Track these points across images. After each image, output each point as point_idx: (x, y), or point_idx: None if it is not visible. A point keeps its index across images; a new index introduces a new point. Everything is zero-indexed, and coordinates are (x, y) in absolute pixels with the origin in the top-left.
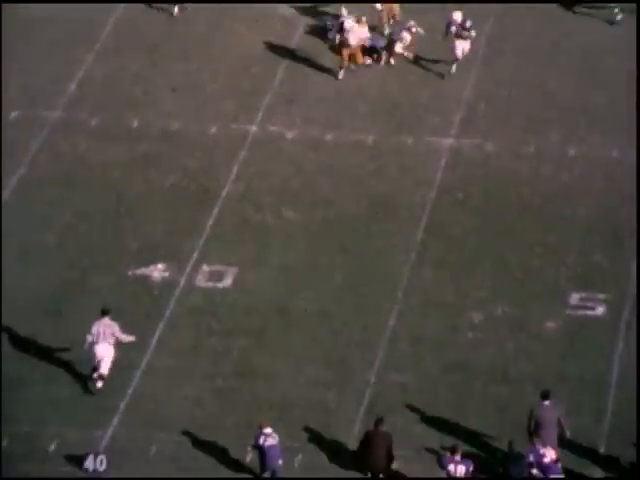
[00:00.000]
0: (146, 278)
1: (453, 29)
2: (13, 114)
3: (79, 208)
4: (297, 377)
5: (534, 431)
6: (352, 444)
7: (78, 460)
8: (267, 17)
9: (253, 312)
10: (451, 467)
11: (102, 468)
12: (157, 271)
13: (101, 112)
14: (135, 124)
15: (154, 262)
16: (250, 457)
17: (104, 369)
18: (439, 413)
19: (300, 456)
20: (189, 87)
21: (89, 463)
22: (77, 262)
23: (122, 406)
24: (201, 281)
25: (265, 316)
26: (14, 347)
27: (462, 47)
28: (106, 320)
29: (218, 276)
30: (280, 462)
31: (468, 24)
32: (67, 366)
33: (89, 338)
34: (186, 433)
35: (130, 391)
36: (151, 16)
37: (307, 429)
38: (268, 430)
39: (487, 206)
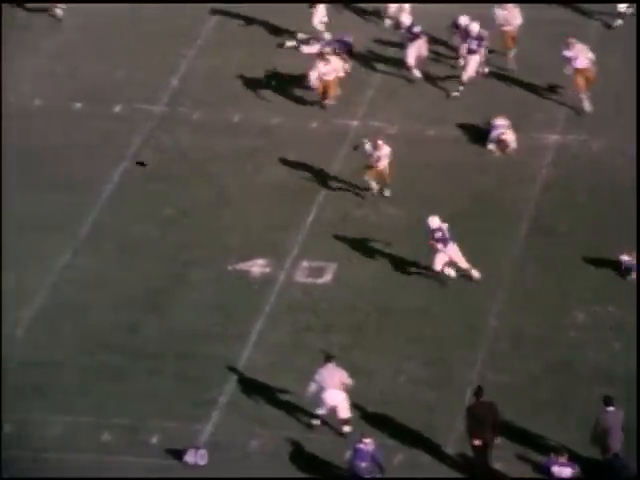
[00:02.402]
0: (246, 273)
1: None
2: (117, 108)
3: (180, 202)
4: (396, 375)
5: (599, 439)
6: (453, 444)
7: (179, 454)
8: (375, 12)
9: (352, 309)
10: (555, 469)
11: (202, 462)
12: (257, 266)
13: (203, 107)
14: (236, 119)
15: (254, 257)
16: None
17: (344, 414)
18: (541, 414)
19: (400, 455)
20: (290, 82)
21: (189, 457)
22: (178, 256)
23: (222, 400)
24: (301, 277)
25: (364, 313)
26: (116, 340)
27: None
28: (331, 366)
29: (318, 272)
30: (364, 465)
31: None
32: (168, 360)
33: (314, 386)
34: (286, 429)
35: (230, 386)
36: (251, 12)
37: (407, 428)
38: (367, 440)
39: (593, 204)
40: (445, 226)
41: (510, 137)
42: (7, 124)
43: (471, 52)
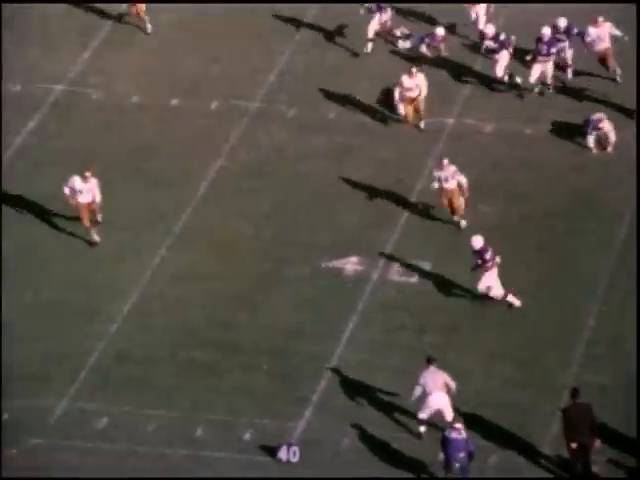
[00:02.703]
0: (340, 271)
1: None
2: (213, 104)
3: (275, 199)
4: (490, 376)
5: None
6: (548, 446)
7: (271, 450)
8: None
9: (446, 308)
10: None
11: (295, 459)
12: (350, 264)
13: (299, 103)
14: (332, 116)
15: (348, 255)
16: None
17: (450, 416)
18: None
19: (494, 456)
20: (385, 79)
21: (282, 454)
22: (272, 253)
23: (314, 398)
24: (394, 275)
25: (458, 312)
26: (210, 336)
27: None
28: (433, 369)
29: (411, 271)
30: (462, 455)
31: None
32: (262, 356)
33: (419, 389)
34: (377, 427)
35: (322, 383)
36: (350, 9)
37: (501, 429)
38: (458, 425)
39: None
40: (489, 249)
41: (608, 127)
42: (106, 120)
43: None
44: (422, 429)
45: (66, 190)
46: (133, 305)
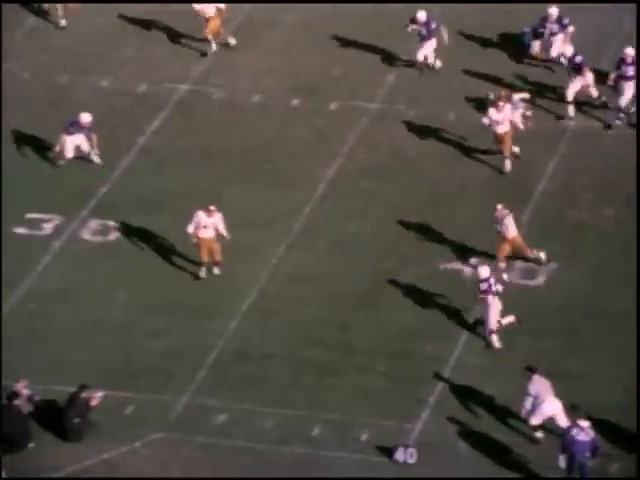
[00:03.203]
0: (458, 272)
1: None
2: (333, 104)
3: (394, 200)
4: (612, 381)
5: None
6: None
7: (388, 451)
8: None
9: (565, 311)
10: None
11: (412, 461)
12: (470, 265)
13: (418, 104)
14: (451, 117)
15: (466, 256)
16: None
17: (564, 422)
18: None
19: (616, 464)
20: (510, 80)
21: (399, 455)
22: (391, 253)
23: (431, 400)
24: (514, 278)
25: (578, 316)
26: (327, 335)
27: None
28: (537, 377)
29: (531, 273)
30: (587, 455)
31: None
32: (379, 357)
33: (529, 400)
34: (494, 431)
35: (439, 386)
36: (473, 8)
37: (623, 435)
38: (585, 424)
39: None
40: (493, 279)
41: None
42: (227, 119)
43: (625, 79)
44: (539, 435)
45: (190, 228)
46: (252, 303)
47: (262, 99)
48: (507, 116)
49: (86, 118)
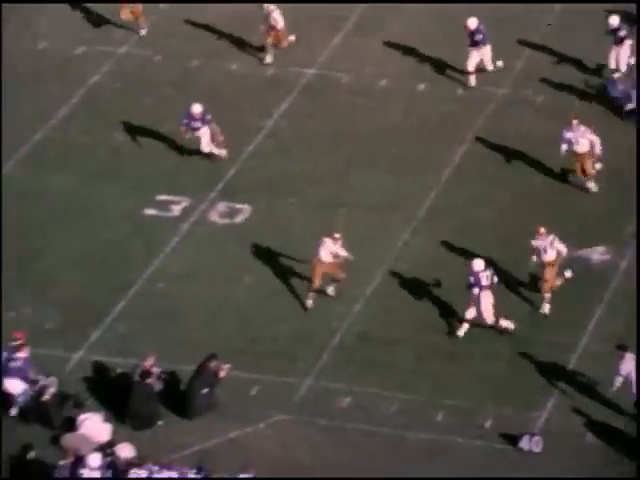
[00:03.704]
0: (585, 260)
1: None
2: (460, 90)
3: (520, 186)
4: None
5: None
6: None
7: (513, 439)
8: None
9: None
10: None
11: (537, 449)
12: (596, 253)
13: (547, 90)
14: (577, 103)
15: (594, 244)
16: None
17: None
18: None
19: (615, 465)
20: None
21: (524, 443)
22: (515, 240)
23: (558, 389)
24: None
25: None
26: (450, 321)
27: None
28: (630, 355)
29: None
30: None
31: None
32: (504, 343)
33: (619, 380)
34: (622, 423)
35: (566, 374)
36: None
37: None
38: None
39: None
40: (488, 272)
41: None
42: (354, 103)
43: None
44: None
45: (323, 254)
46: (376, 287)
47: (388, 84)
48: (584, 135)
49: (197, 109)
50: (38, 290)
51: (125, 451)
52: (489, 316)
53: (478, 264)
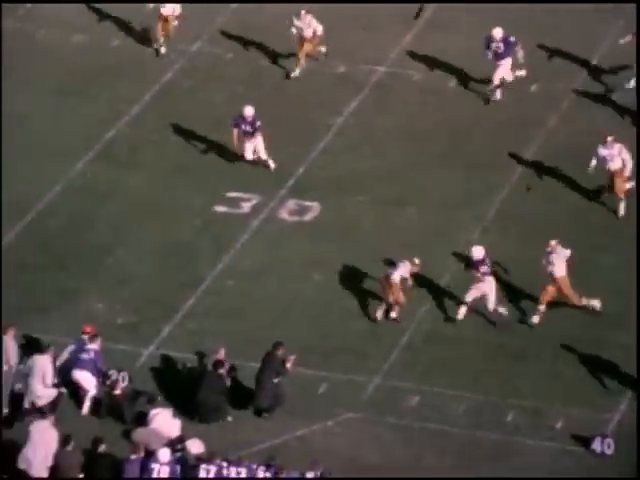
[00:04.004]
0: None
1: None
2: (534, 86)
3: (591, 185)
4: None
5: None
6: None
7: (584, 440)
8: None
9: None
10: None
11: (609, 451)
12: None
13: (617, 87)
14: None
15: None
16: None
17: None
18: None
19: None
20: None
21: (596, 445)
22: (588, 240)
23: (629, 391)
24: None
25: None
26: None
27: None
28: None
29: None
30: None
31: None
32: (575, 343)
33: None
34: None
35: (637, 376)
36: None
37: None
38: None
39: None
40: (488, 261)
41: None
42: (424, 102)
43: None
44: None
45: (395, 275)
46: (444, 286)
47: (458, 83)
48: (618, 153)
49: (249, 111)
50: (110, 285)
51: (195, 447)
52: (492, 300)
53: (479, 251)
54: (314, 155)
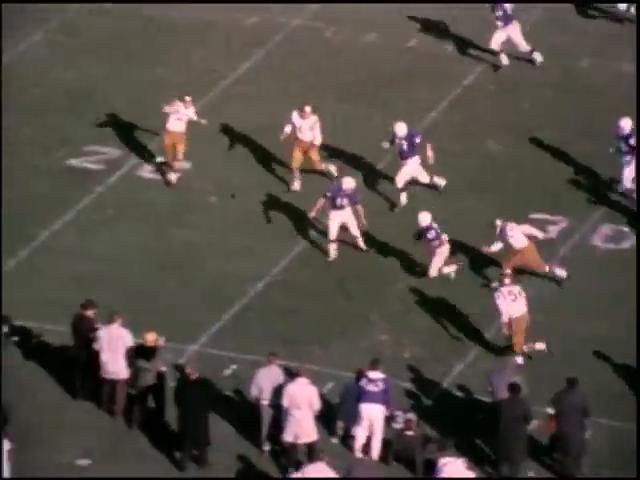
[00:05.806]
0: None
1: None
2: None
3: None
4: None
5: None
6: None
7: None
8: None
9: None
10: None
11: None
12: None
13: None
14: None
15: None
16: None
17: None
18: None
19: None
20: None
21: None
22: None
23: None
24: None
25: None
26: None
27: None
28: None
29: None
30: None
31: None
32: None
33: None
34: None
35: None
36: None
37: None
38: None
39: None
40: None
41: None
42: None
43: None
44: None
45: None
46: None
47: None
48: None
49: (402, 130)
50: (395, 316)
51: None
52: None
53: (425, 217)
54: None
